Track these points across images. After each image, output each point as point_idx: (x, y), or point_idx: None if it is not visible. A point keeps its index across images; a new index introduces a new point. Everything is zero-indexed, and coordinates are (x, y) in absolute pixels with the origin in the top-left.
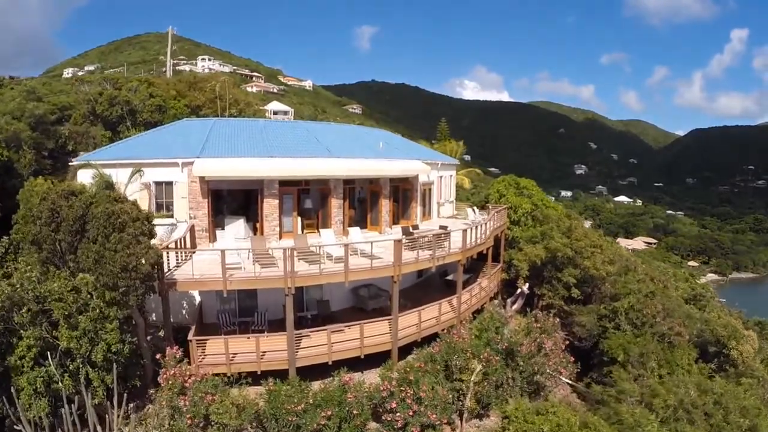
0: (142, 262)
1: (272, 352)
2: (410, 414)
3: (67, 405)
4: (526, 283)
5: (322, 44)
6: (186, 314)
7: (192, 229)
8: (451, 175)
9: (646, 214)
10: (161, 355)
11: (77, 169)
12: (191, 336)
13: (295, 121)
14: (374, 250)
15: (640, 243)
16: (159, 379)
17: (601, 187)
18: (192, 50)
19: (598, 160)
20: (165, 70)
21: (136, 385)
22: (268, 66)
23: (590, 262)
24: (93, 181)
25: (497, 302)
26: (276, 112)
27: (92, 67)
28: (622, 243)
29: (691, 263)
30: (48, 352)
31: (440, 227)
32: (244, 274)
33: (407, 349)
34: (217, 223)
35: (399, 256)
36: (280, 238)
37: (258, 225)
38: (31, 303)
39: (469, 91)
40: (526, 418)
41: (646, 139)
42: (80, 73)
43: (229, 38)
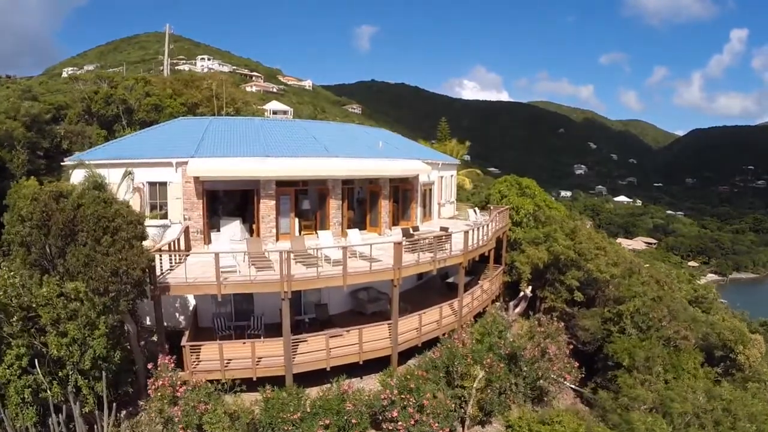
0: (133, 266)
1: (268, 358)
2: (412, 423)
3: (55, 414)
4: (529, 286)
5: (322, 44)
6: (181, 318)
7: (186, 231)
8: (452, 176)
9: (646, 215)
10: (152, 365)
11: (71, 169)
12: (185, 341)
13: (293, 120)
14: (374, 252)
15: (639, 243)
16: (149, 391)
17: (600, 187)
18: (192, 50)
19: (598, 160)
20: (162, 69)
21: (129, 392)
22: (268, 66)
23: (594, 265)
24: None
25: (499, 305)
26: (275, 112)
27: (91, 67)
28: (622, 243)
29: (691, 263)
30: (35, 359)
31: (441, 228)
32: (239, 278)
33: (408, 354)
34: (213, 224)
35: (399, 258)
36: (277, 240)
37: (254, 226)
38: (17, 310)
39: (469, 91)
40: (531, 427)
41: (645, 139)
42: (79, 72)
43: (228, 38)
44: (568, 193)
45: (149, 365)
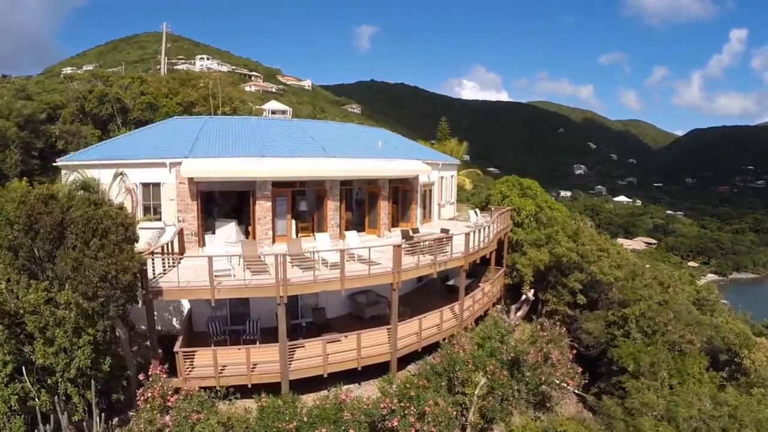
0: (123, 271)
1: (264, 364)
2: None
3: (43, 423)
4: (531, 290)
5: (322, 44)
6: (175, 322)
7: (180, 233)
8: (452, 176)
9: (646, 215)
10: (144, 376)
11: (68, 171)
12: (178, 347)
13: (290, 120)
14: (373, 254)
15: (639, 243)
16: (138, 401)
17: (600, 187)
18: (191, 50)
19: (598, 160)
20: (159, 68)
21: (120, 399)
22: (267, 65)
23: (597, 267)
24: (72, 183)
25: (500, 308)
26: (274, 112)
27: (90, 67)
28: (622, 243)
29: (691, 264)
30: (23, 367)
31: (441, 230)
32: (233, 282)
33: (407, 359)
34: (207, 226)
35: (398, 262)
36: (274, 243)
37: (250, 228)
38: (4, 316)
39: (469, 91)
40: None
41: (645, 139)
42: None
43: (228, 38)
44: (568, 193)
45: (140, 376)
